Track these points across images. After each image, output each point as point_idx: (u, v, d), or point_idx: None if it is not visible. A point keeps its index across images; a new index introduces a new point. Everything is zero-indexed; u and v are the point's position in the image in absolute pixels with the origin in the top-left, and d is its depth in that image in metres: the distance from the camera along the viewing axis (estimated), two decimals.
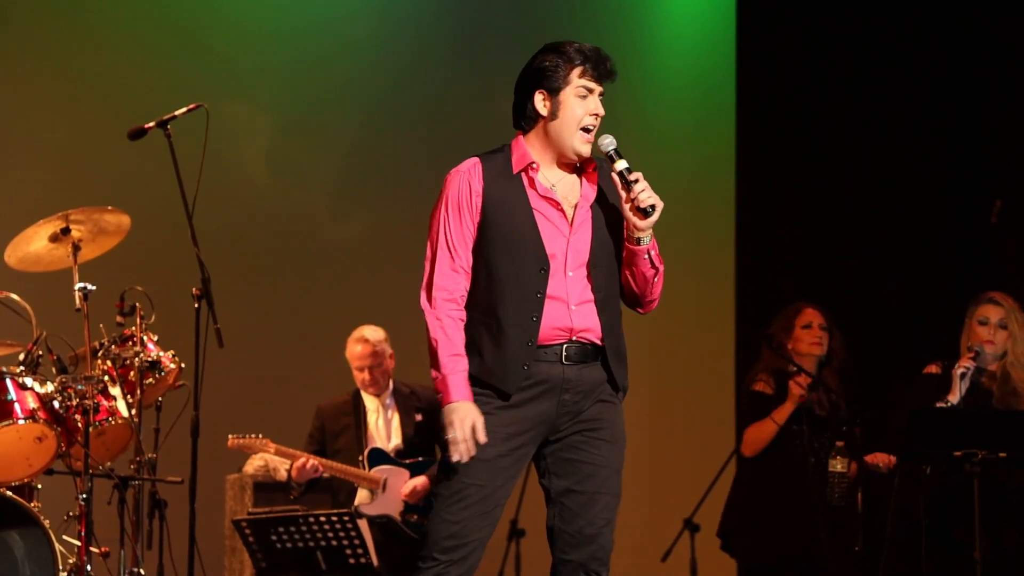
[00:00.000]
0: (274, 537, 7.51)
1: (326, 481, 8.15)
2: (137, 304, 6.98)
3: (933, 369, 7.39)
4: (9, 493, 6.68)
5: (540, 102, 4.88)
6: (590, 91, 4.87)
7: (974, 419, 7.09)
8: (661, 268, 4.99)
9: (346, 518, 7.43)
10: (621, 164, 4.85)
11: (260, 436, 7.90)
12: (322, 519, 7.46)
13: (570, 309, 4.85)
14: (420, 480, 7.97)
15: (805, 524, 7.42)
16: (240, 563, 8.38)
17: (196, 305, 6.76)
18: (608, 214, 4.92)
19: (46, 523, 6.66)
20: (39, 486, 6.93)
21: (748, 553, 7.76)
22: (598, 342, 4.91)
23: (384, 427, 8.14)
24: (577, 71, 4.86)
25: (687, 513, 9.20)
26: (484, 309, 4.85)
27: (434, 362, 4.84)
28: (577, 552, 4.92)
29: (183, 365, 7.08)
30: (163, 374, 7.05)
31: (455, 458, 4.77)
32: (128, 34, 9.32)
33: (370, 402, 8.21)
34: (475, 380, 4.83)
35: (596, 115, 4.88)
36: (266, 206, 9.57)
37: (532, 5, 10.38)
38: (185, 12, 9.50)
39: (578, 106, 4.85)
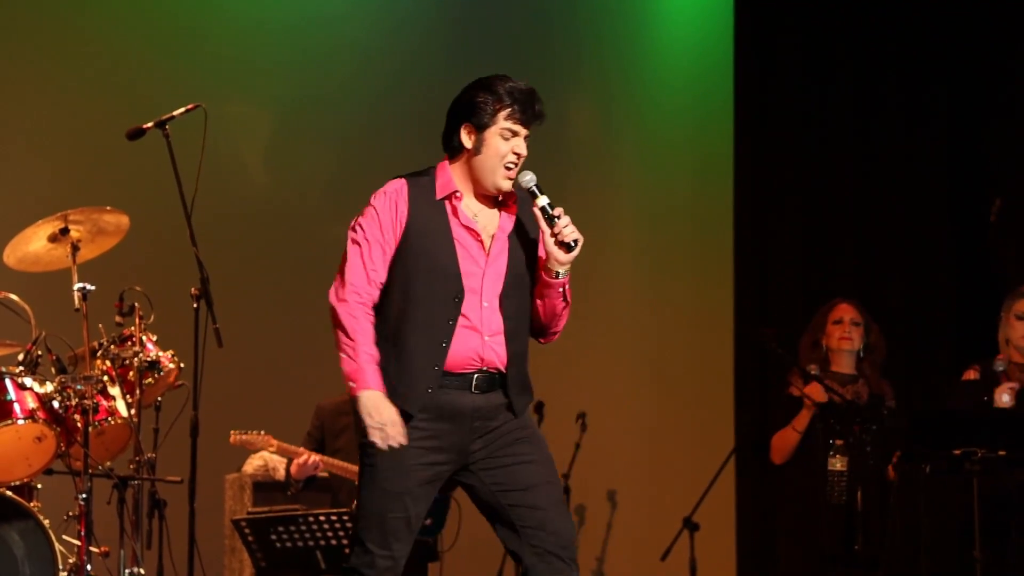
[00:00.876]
0: (273, 536, 7.50)
1: (326, 480, 8.15)
2: (136, 304, 6.98)
3: (971, 375, 7.38)
4: (9, 493, 6.69)
5: (465, 136, 4.95)
6: (515, 133, 4.92)
7: (974, 418, 7.09)
8: (569, 304, 5.06)
9: (345, 517, 7.43)
10: (543, 200, 4.91)
11: (262, 432, 7.90)
12: (321, 518, 7.46)
13: (483, 339, 4.90)
14: None
15: (839, 523, 7.41)
16: (240, 562, 8.38)
17: (195, 305, 6.75)
18: (524, 245, 4.99)
19: (46, 523, 6.67)
20: (39, 486, 6.93)
21: (791, 557, 7.73)
22: (503, 370, 4.95)
23: None
24: (505, 112, 4.91)
25: (686, 512, 9.21)
26: (393, 330, 4.90)
27: (348, 351, 4.87)
28: (545, 542, 4.93)
29: (182, 365, 7.09)
30: (162, 374, 7.05)
31: (378, 443, 4.81)
32: (126, 34, 9.30)
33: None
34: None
35: (518, 155, 4.93)
36: (265, 206, 9.56)
37: (531, 4, 10.38)
38: (184, 11, 9.49)
39: (501, 145, 4.91)
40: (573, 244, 4.87)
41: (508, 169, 4.92)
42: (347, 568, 4.98)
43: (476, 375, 4.89)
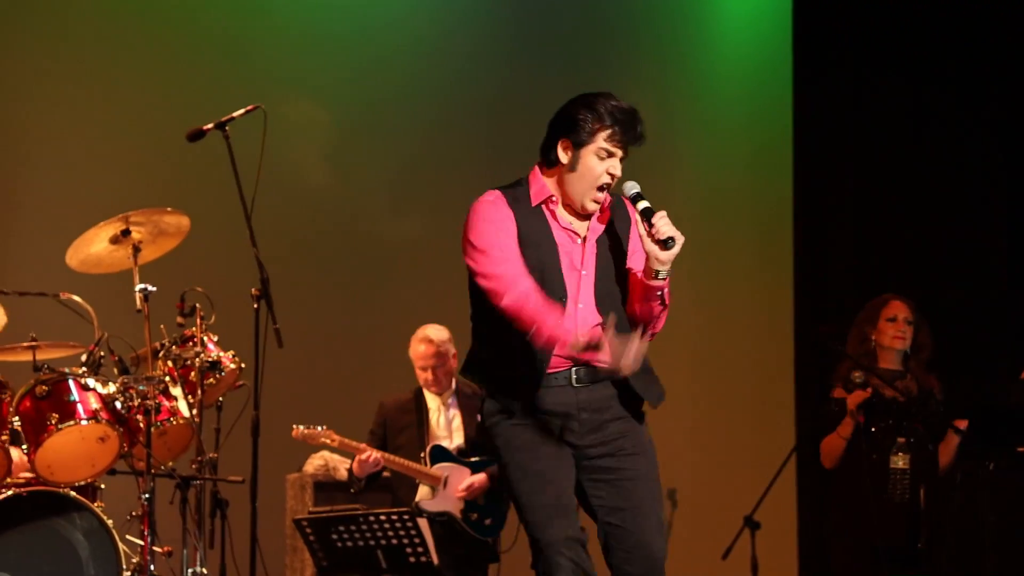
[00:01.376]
0: (335, 536, 7.52)
1: (386, 479, 8.17)
2: (197, 305, 7.02)
3: None
4: (73, 493, 6.72)
5: (562, 151, 4.94)
6: (611, 154, 4.92)
7: None
8: (667, 307, 5.04)
9: (406, 517, 7.44)
10: (643, 204, 4.92)
11: (324, 427, 7.92)
12: (382, 518, 7.47)
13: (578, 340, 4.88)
14: (479, 477, 7.97)
15: (893, 522, 7.36)
16: (301, 562, 8.41)
17: (255, 305, 6.78)
18: (613, 249, 5.01)
19: (109, 523, 6.70)
20: (102, 486, 6.96)
21: (844, 557, 7.68)
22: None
23: (446, 426, 8.15)
24: (604, 133, 4.91)
25: (748, 511, 9.18)
26: (499, 332, 4.90)
27: (540, 330, 4.81)
28: (634, 566, 4.98)
29: (243, 365, 7.11)
30: (223, 374, 7.08)
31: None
32: (186, 37, 9.36)
33: (432, 401, 8.22)
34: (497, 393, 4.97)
35: (612, 176, 4.93)
36: (324, 206, 9.59)
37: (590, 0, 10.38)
38: (243, 14, 9.54)
39: (597, 165, 4.91)
40: (670, 241, 4.85)
41: (599, 191, 4.93)
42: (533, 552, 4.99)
43: (574, 368, 4.93)
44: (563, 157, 4.93)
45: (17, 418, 6.68)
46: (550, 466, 4.93)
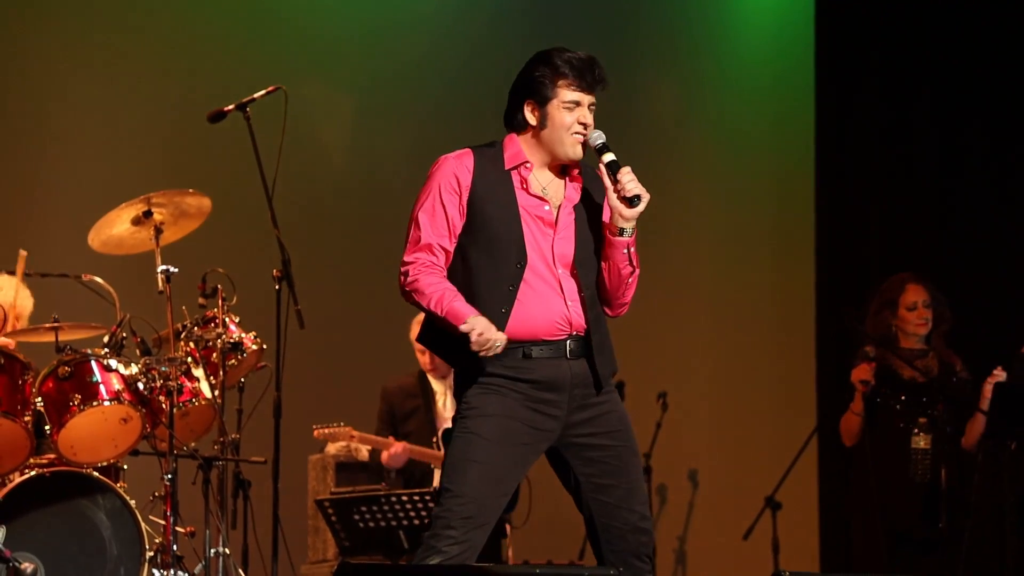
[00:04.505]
0: (356, 516, 7.54)
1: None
2: (219, 286, 7.02)
3: None
4: (96, 474, 6.77)
5: (529, 113, 4.96)
6: (578, 103, 4.92)
7: None
8: (637, 270, 5.01)
9: (428, 497, 7.46)
10: (608, 156, 4.91)
11: (342, 424, 7.94)
12: (404, 498, 7.49)
13: (567, 305, 4.89)
14: None
15: (911, 500, 7.35)
16: (323, 543, 8.43)
17: (277, 287, 6.79)
18: (591, 215, 4.98)
19: (132, 503, 6.74)
20: (125, 467, 7.00)
21: (864, 535, 7.68)
22: (589, 335, 4.94)
23: (451, 410, 8.16)
24: (565, 83, 4.91)
25: (768, 491, 9.19)
26: (489, 289, 4.88)
27: (432, 308, 4.84)
28: (625, 542, 4.94)
29: (265, 346, 7.12)
30: (245, 355, 7.09)
31: (484, 343, 4.77)
32: (207, 17, 9.38)
33: (436, 385, 8.24)
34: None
35: (585, 124, 4.93)
36: (346, 186, 9.60)
37: None
38: None
39: (566, 117, 4.91)
40: (636, 199, 4.85)
41: (578, 139, 4.92)
42: (431, 518, 4.93)
43: (568, 340, 4.90)
44: (531, 119, 4.94)
45: (40, 399, 6.71)
46: (502, 466, 4.87)
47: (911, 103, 10.10)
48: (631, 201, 4.85)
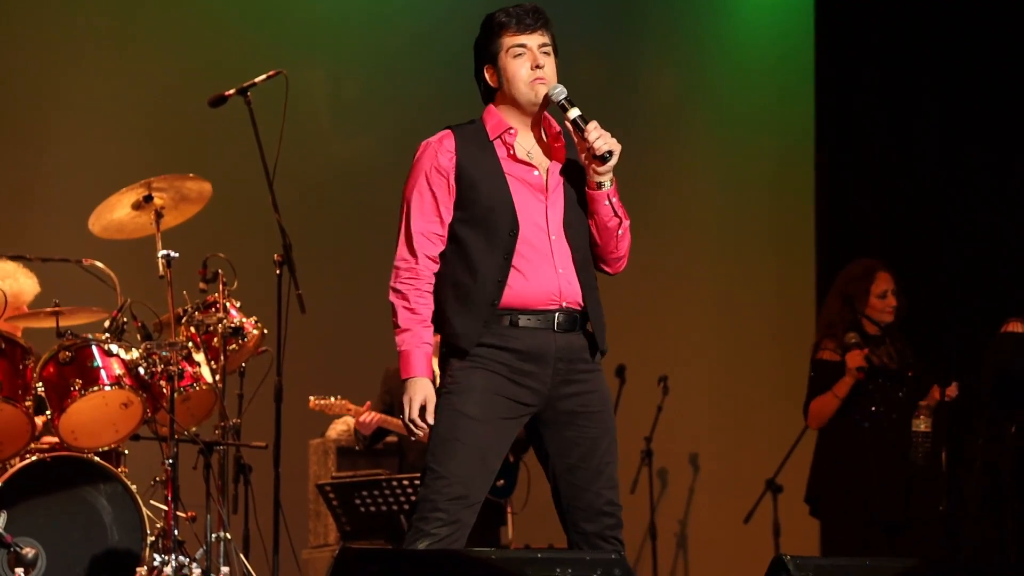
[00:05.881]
0: (357, 501, 7.56)
1: (394, 443, 8.18)
2: (219, 271, 7.02)
3: (1016, 327, 7.29)
4: (97, 459, 6.79)
5: (489, 76, 5.00)
6: (523, 45, 4.94)
7: None
8: (626, 222, 5.01)
9: None
10: (574, 112, 4.88)
11: (339, 397, 7.95)
12: (404, 482, 7.50)
13: (557, 272, 4.89)
14: None
15: (888, 484, 7.37)
16: (324, 527, 8.45)
17: (278, 271, 6.80)
18: (577, 177, 4.97)
19: (133, 488, 6.78)
20: (126, 451, 7.03)
21: (834, 517, 7.70)
22: (582, 306, 4.94)
23: None
24: (506, 32, 4.96)
25: (769, 474, 9.21)
26: (452, 271, 4.91)
27: (400, 332, 4.95)
28: (593, 524, 4.92)
29: (265, 331, 7.13)
30: (246, 340, 7.10)
31: (412, 438, 4.92)
32: (208, 1, 9.39)
33: (436, 367, 8.23)
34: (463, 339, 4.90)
35: (539, 66, 4.93)
36: (347, 171, 9.61)
37: None
38: None
39: (517, 63, 4.93)
40: (608, 155, 4.85)
41: (536, 80, 4.92)
42: (417, 500, 4.92)
43: (558, 313, 4.88)
44: (493, 81, 4.98)
45: (41, 384, 6.73)
46: (487, 444, 4.87)
47: (912, 90, 10.10)
48: (602, 159, 4.85)
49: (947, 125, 10.01)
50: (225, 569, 6.85)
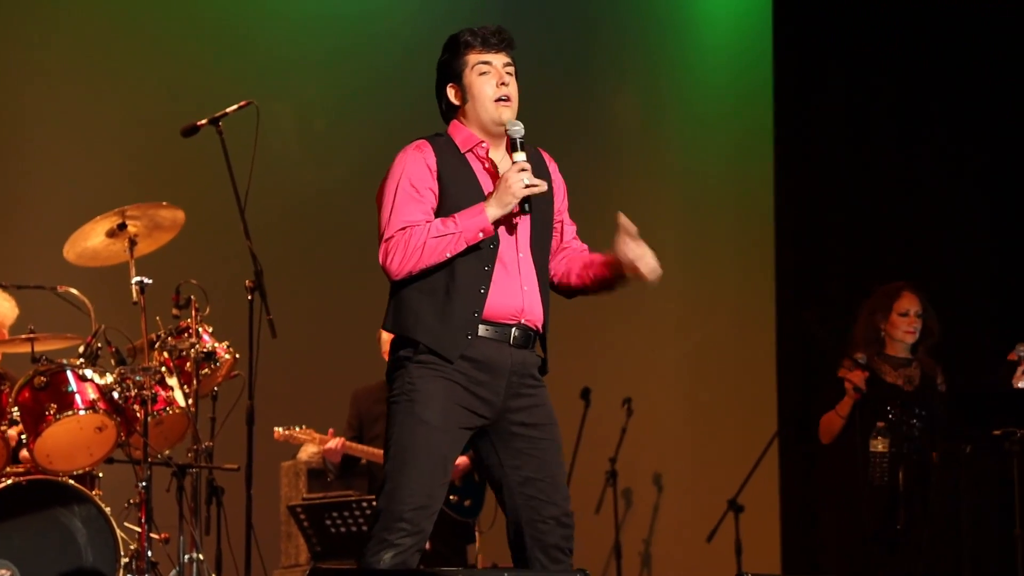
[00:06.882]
0: (328, 522, 7.61)
1: (364, 466, 8.24)
2: (192, 297, 7.08)
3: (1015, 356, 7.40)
4: (72, 482, 6.84)
5: (452, 95, 5.05)
6: (489, 63, 5.01)
7: (1015, 398, 7.14)
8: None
9: None
10: (518, 156, 4.92)
11: (304, 427, 8.02)
12: (375, 503, 7.56)
13: (522, 289, 4.94)
14: (459, 460, 8.05)
15: (886, 504, 7.46)
16: (296, 548, 8.48)
17: (249, 297, 6.80)
18: (542, 199, 4.99)
19: (107, 510, 6.82)
20: (100, 475, 7.07)
21: (835, 535, 7.77)
22: (539, 328, 5.00)
23: None
24: (471, 51, 5.02)
25: (731, 494, 9.29)
26: (433, 281, 4.91)
27: (440, 237, 4.86)
28: (552, 535, 4.95)
29: (237, 355, 7.19)
30: (218, 364, 7.17)
31: (527, 181, 4.85)
32: (178, 33, 9.44)
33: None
34: (423, 346, 4.89)
35: (503, 83, 4.99)
36: (317, 199, 9.63)
37: None
38: (233, 10, 9.63)
39: (482, 82, 5.00)
40: (525, 204, 4.89)
41: (501, 101, 4.98)
42: (378, 509, 4.91)
43: (515, 328, 4.93)
44: (456, 99, 5.03)
45: (16, 408, 6.77)
46: (447, 453, 4.88)
47: (871, 105, 10.09)
48: (522, 207, 4.91)
49: (904, 130, 10.03)
50: None
